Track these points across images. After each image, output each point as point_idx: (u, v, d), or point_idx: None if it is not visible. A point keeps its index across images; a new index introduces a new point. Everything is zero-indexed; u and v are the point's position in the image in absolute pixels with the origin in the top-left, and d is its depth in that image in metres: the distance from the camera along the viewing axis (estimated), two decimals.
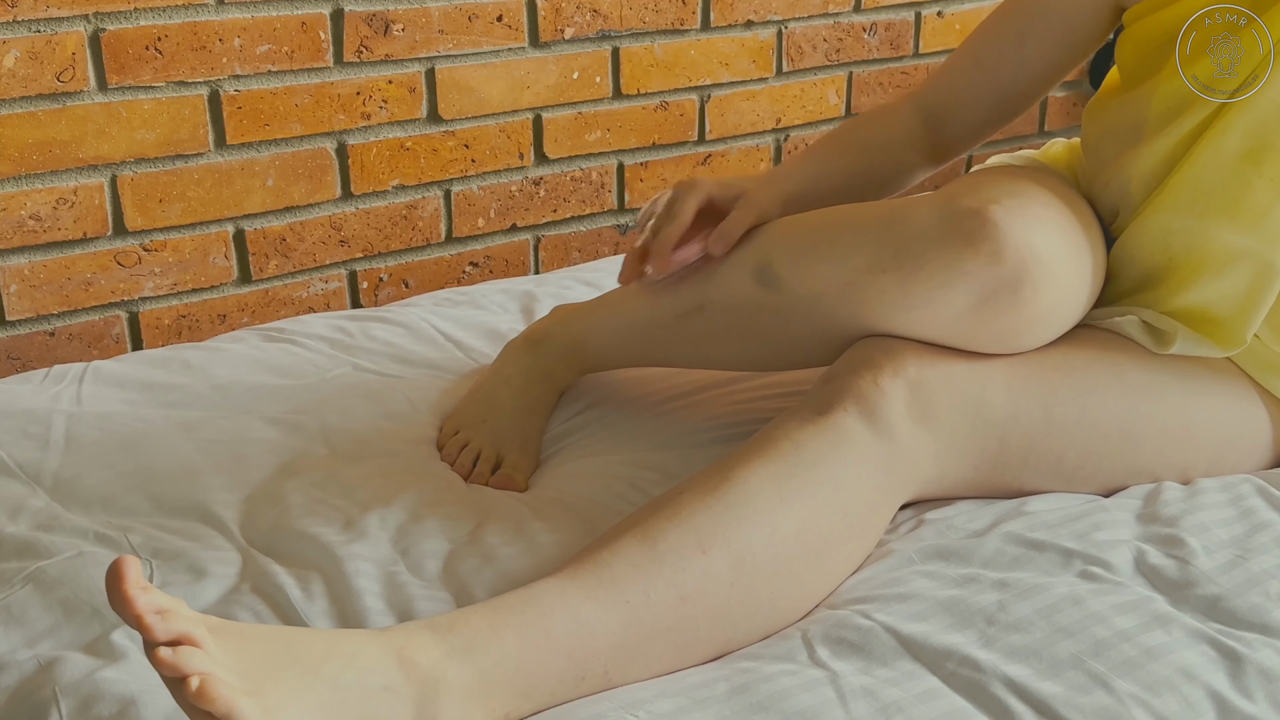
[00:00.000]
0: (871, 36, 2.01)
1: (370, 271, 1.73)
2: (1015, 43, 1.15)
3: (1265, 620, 0.87)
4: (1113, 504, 1.00)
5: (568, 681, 0.81)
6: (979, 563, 0.93)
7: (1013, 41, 1.16)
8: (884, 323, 0.98)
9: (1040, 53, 1.15)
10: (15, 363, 1.53)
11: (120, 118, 1.50)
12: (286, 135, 1.61)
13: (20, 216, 1.48)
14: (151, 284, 1.58)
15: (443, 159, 1.73)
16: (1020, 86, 1.17)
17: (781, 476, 0.90)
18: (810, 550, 0.89)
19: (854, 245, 0.97)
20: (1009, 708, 0.79)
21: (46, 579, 0.92)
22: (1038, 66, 1.16)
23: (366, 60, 1.63)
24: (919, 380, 0.96)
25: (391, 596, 0.91)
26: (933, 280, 0.93)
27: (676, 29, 1.84)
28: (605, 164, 1.86)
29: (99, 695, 0.79)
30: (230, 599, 0.92)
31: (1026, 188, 0.98)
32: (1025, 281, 0.92)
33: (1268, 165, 0.99)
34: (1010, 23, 1.16)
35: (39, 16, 1.43)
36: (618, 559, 0.85)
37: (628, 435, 1.17)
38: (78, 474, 1.09)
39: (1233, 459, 1.05)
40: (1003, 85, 1.17)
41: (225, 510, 1.04)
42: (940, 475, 0.98)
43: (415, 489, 1.06)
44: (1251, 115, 0.99)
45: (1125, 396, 1.01)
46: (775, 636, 0.88)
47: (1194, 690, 0.81)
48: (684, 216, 1.10)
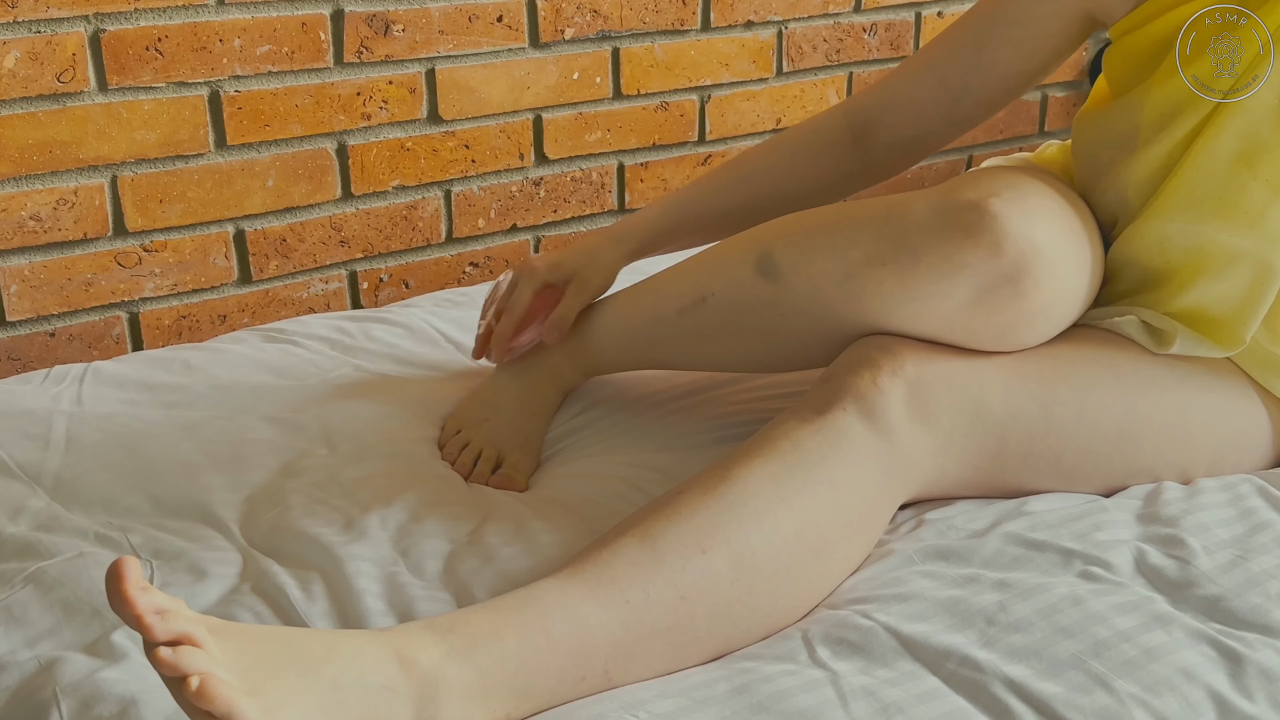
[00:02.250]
0: (871, 36, 2.01)
1: (370, 272, 1.73)
2: (973, 48, 1.13)
3: (1266, 620, 0.87)
4: (1113, 504, 1.00)
5: (568, 681, 0.81)
6: (979, 563, 0.93)
7: (970, 46, 1.13)
8: (883, 316, 0.98)
9: (999, 59, 1.12)
10: (15, 363, 1.53)
11: (120, 118, 1.50)
12: (287, 136, 1.61)
13: (20, 217, 1.48)
14: (152, 284, 1.58)
15: (443, 159, 1.73)
16: (974, 94, 1.14)
17: (781, 476, 0.90)
18: (810, 549, 0.89)
19: (853, 238, 0.97)
20: (1009, 708, 0.79)
21: (47, 579, 0.92)
22: (995, 74, 1.12)
23: (367, 61, 1.63)
24: (918, 379, 0.96)
25: (392, 597, 0.91)
26: (932, 273, 0.93)
27: (677, 29, 1.84)
28: (605, 164, 1.86)
29: (99, 696, 0.79)
30: (230, 599, 0.92)
31: (1026, 182, 0.98)
32: (1025, 274, 0.92)
33: (1262, 166, 0.99)
34: (969, 29, 1.13)
35: (39, 17, 1.43)
36: (618, 559, 0.85)
37: (628, 436, 1.17)
38: (78, 474, 1.09)
39: (1233, 459, 1.05)
40: (954, 90, 1.14)
41: (226, 511, 1.04)
42: (940, 475, 0.98)
43: (416, 489, 1.06)
44: (1244, 117, 0.99)
45: (1124, 396, 1.01)
46: (775, 636, 0.88)
47: (1194, 690, 0.81)
48: (519, 309, 1.18)
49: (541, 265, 1.19)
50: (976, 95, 1.14)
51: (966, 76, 1.13)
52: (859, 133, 1.19)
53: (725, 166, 1.24)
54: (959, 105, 1.15)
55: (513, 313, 1.18)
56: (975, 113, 1.16)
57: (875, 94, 1.20)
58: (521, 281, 1.19)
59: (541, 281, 1.18)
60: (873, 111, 1.19)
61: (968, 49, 1.13)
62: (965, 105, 1.15)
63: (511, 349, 1.19)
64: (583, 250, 1.20)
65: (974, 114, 1.16)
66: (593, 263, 1.19)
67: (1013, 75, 1.13)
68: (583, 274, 1.18)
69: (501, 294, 1.22)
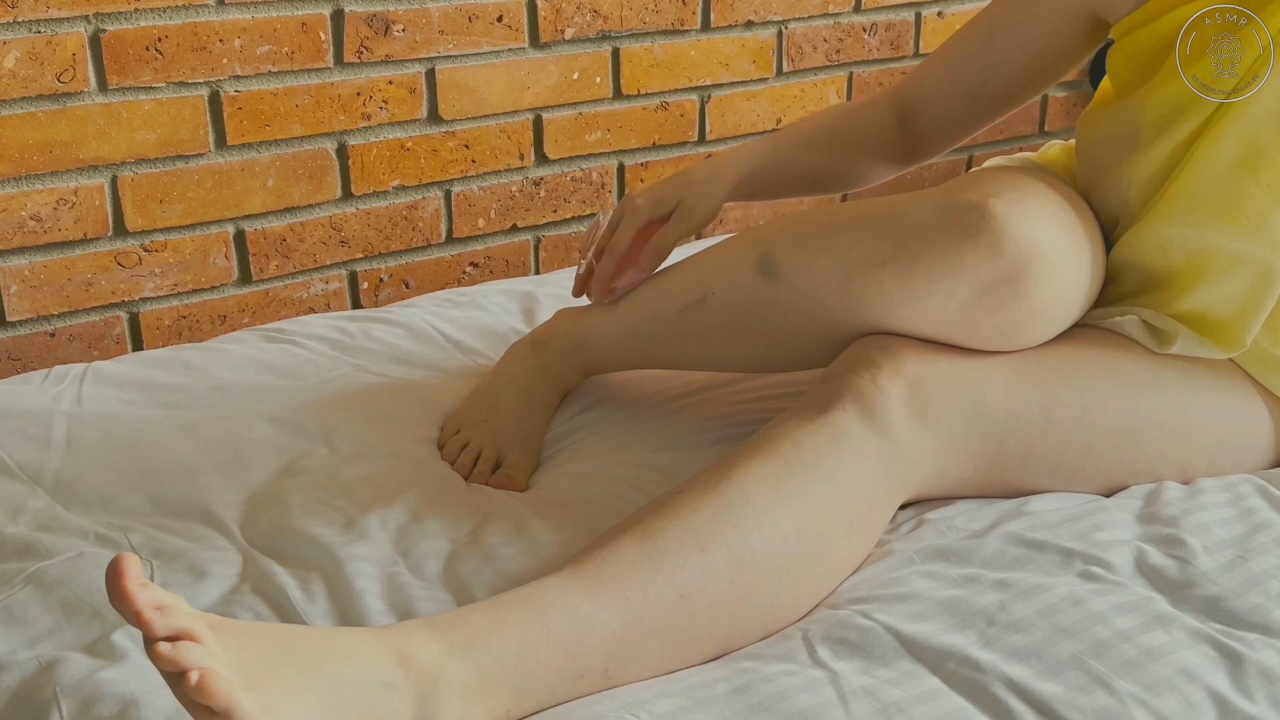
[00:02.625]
0: (871, 37, 2.01)
1: (370, 272, 1.73)
2: (985, 44, 1.15)
3: (1266, 620, 0.87)
4: (1113, 504, 1.00)
5: (567, 679, 0.81)
6: (979, 563, 0.93)
7: (983, 42, 1.16)
8: (883, 316, 0.98)
9: (1009, 57, 1.14)
10: (16, 363, 1.53)
11: (121, 118, 1.50)
12: (287, 136, 1.61)
13: (21, 217, 1.48)
14: (152, 284, 1.58)
15: (443, 159, 1.73)
16: (990, 89, 1.17)
17: (781, 475, 0.90)
18: (809, 548, 0.89)
19: (854, 238, 0.97)
20: (1009, 708, 0.79)
21: (47, 579, 0.92)
22: (1006, 70, 1.15)
23: (367, 61, 1.63)
24: (918, 379, 0.96)
25: (392, 597, 0.91)
26: (932, 273, 0.93)
27: (677, 29, 1.84)
28: (605, 164, 1.86)
29: (100, 696, 0.79)
30: (231, 599, 0.92)
31: (1026, 182, 0.98)
32: (1025, 274, 0.92)
33: (1263, 171, 0.99)
34: (983, 27, 1.16)
35: (39, 17, 1.43)
36: (617, 557, 0.85)
37: (628, 436, 1.17)
38: (78, 475, 1.09)
39: (1233, 458, 1.05)
40: (970, 86, 1.17)
41: (226, 510, 1.04)
42: (940, 474, 0.98)
43: (416, 489, 1.06)
44: (1245, 121, 0.99)
45: (1125, 396, 1.01)
46: (775, 636, 0.88)
47: (1194, 690, 0.81)
48: (620, 248, 1.16)
49: (644, 202, 1.17)
50: (993, 91, 1.17)
51: (981, 74, 1.16)
52: (902, 119, 1.23)
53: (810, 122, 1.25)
54: (977, 100, 1.18)
55: (614, 252, 1.16)
56: (993, 107, 1.19)
57: (910, 86, 1.23)
58: (625, 220, 1.16)
59: (645, 219, 1.16)
60: (909, 101, 1.23)
61: (980, 47, 1.16)
62: (983, 101, 1.18)
63: (613, 289, 1.16)
64: (686, 181, 1.18)
65: (992, 108, 1.19)
66: (698, 192, 1.17)
67: (1022, 74, 1.15)
68: (688, 201, 1.16)
69: (603, 232, 1.19)
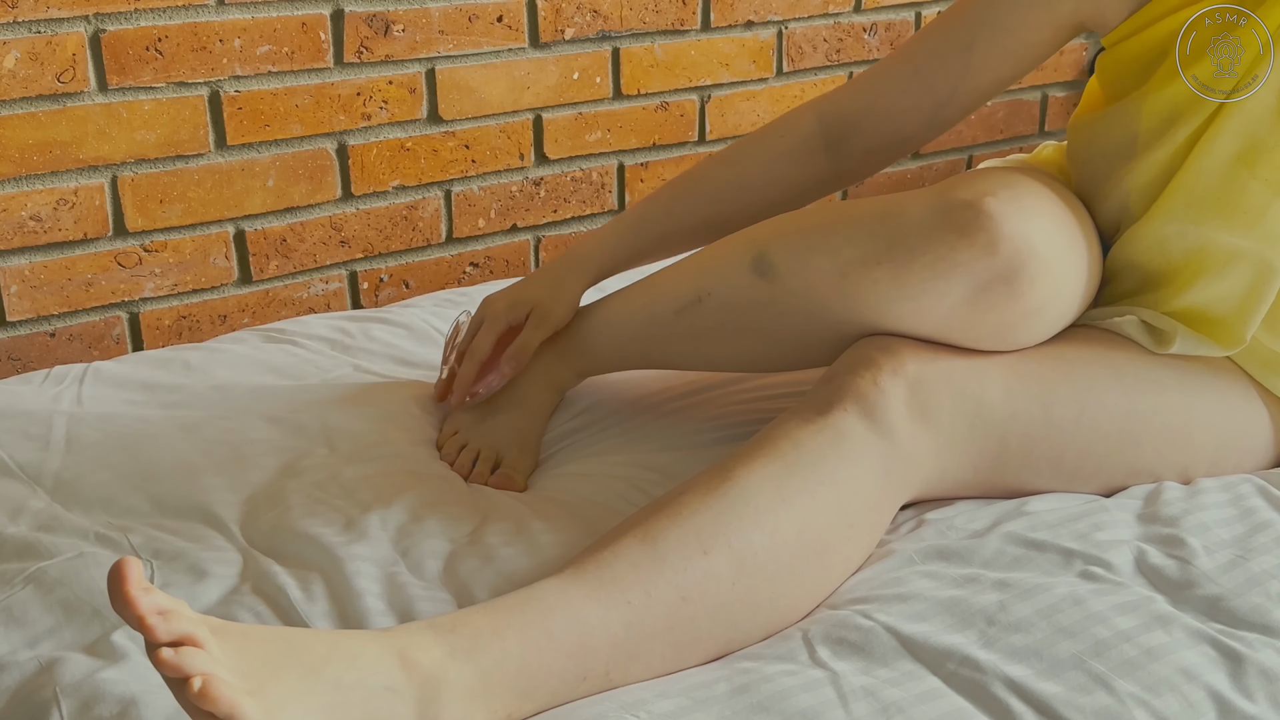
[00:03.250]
0: (871, 37, 2.01)
1: (371, 272, 1.73)
2: (962, 53, 1.11)
3: (1266, 620, 0.87)
4: (1113, 504, 1.00)
5: (569, 681, 0.81)
6: (979, 563, 0.93)
7: (958, 53, 1.11)
8: (879, 316, 0.98)
9: (988, 65, 1.11)
10: (16, 363, 1.53)
11: (120, 118, 1.50)
12: (287, 136, 1.61)
13: (21, 217, 1.48)
14: (152, 285, 1.58)
15: (443, 159, 1.73)
16: (959, 99, 1.13)
17: (782, 476, 0.90)
18: (811, 549, 0.89)
19: (849, 238, 0.97)
20: (1010, 708, 0.79)
21: (47, 580, 0.92)
22: (982, 79, 1.11)
23: (367, 61, 1.63)
24: (918, 379, 0.96)
25: (392, 597, 0.91)
26: (926, 272, 0.93)
27: (677, 29, 1.84)
28: (606, 164, 1.86)
29: (100, 696, 0.79)
30: (231, 600, 0.92)
31: (1021, 181, 0.98)
32: (1021, 273, 0.92)
33: (1261, 166, 0.99)
34: (956, 33, 1.11)
35: (39, 17, 1.43)
36: (619, 559, 0.85)
37: (628, 436, 1.17)
38: (78, 475, 1.09)
39: (1233, 458, 1.05)
40: (941, 96, 1.13)
41: (226, 511, 1.04)
42: (940, 475, 0.98)
43: (416, 489, 1.06)
44: (1243, 117, 0.99)
45: (1125, 396, 1.01)
46: (776, 636, 0.88)
47: (1195, 690, 0.81)
48: (480, 353, 1.17)
49: (502, 306, 1.18)
50: (963, 100, 1.13)
51: (955, 82, 1.12)
52: (833, 138, 1.17)
53: (682, 181, 1.21)
54: (943, 110, 1.14)
55: (474, 357, 1.17)
56: (957, 116, 1.15)
57: (851, 98, 1.17)
58: (485, 326, 1.18)
59: (504, 324, 1.17)
60: (850, 116, 1.16)
61: (955, 55, 1.11)
62: (949, 110, 1.14)
63: (475, 393, 1.18)
64: (542, 281, 1.19)
65: (956, 117, 1.15)
66: (553, 295, 1.18)
67: (1000, 80, 1.12)
68: (543, 306, 1.17)
69: (463, 337, 1.21)
